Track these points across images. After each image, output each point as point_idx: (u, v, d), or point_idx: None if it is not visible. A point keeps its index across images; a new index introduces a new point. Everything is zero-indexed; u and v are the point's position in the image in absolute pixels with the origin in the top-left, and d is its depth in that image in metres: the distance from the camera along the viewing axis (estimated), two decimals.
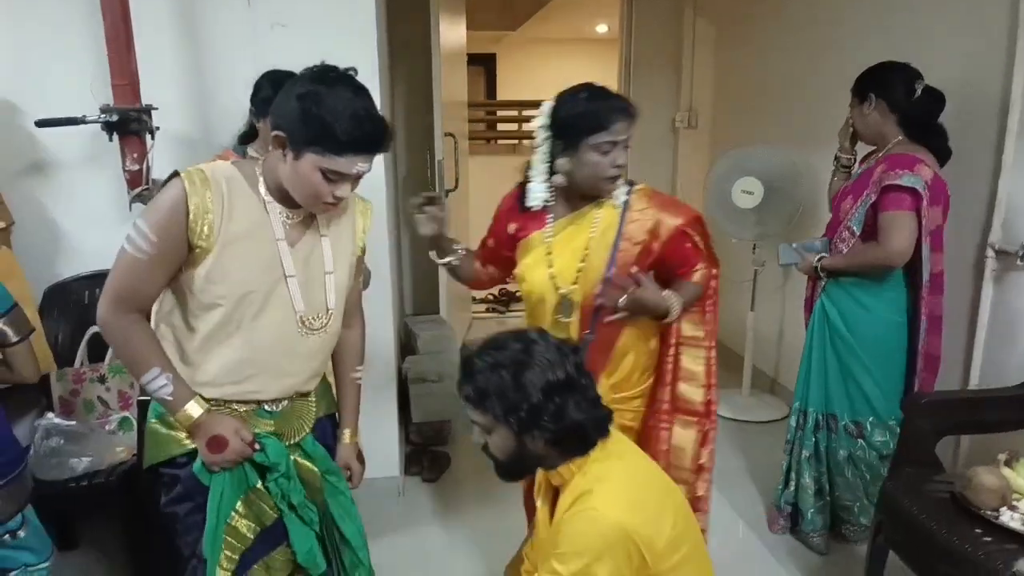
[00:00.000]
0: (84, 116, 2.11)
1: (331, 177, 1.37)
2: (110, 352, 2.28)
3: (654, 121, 4.97)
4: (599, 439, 1.40)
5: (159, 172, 2.30)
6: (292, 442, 1.57)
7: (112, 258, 1.42)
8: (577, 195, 1.77)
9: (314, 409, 1.63)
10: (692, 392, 1.85)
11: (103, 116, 2.09)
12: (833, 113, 2.60)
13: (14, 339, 1.96)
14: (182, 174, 1.38)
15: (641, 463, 1.47)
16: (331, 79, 1.34)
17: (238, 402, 1.50)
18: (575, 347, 1.45)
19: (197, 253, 1.39)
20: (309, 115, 1.31)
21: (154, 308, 1.48)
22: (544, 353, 1.35)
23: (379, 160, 2.48)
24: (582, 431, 1.36)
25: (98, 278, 2.11)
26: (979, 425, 2.17)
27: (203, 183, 1.39)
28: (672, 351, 1.84)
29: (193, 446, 1.47)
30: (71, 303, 2.42)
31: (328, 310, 1.54)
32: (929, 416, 2.05)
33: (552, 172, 1.76)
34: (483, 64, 8.54)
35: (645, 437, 1.85)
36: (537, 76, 8.40)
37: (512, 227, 1.86)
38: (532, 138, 1.76)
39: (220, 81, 2.44)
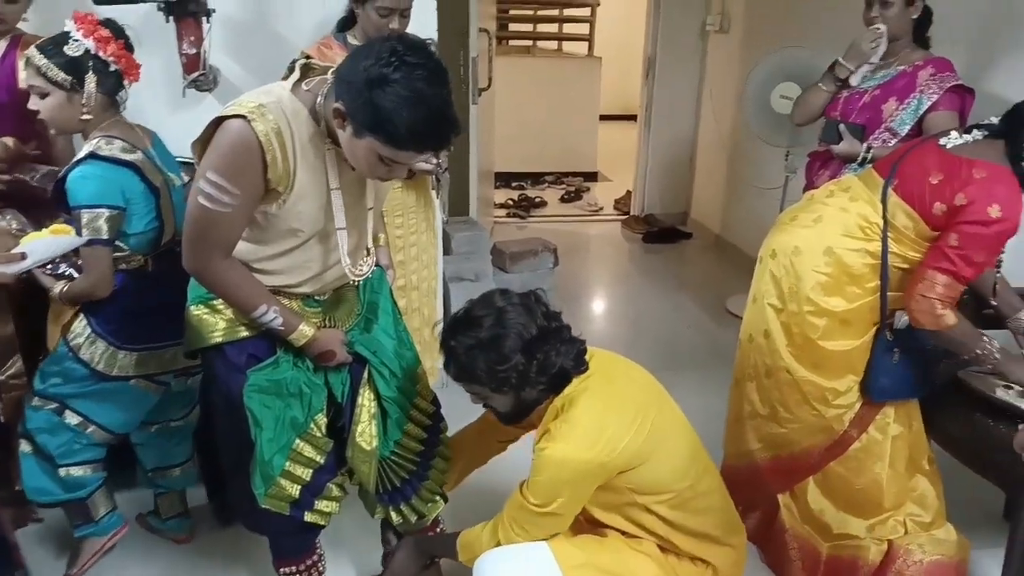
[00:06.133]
0: None
1: (387, 163, 1.32)
2: None
3: (683, 25, 4.86)
4: (578, 373, 1.54)
5: (214, 59, 2.28)
6: (344, 328, 1.63)
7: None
8: None
9: (358, 294, 1.69)
10: None
11: None
12: None
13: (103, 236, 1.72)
14: (247, 115, 1.31)
15: (607, 387, 1.56)
16: (406, 63, 1.23)
17: (285, 295, 1.54)
18: (537, 296, 1.55)
19: (271, 194, 1.39)
20: (373, 104, 1.23)
21: None
22: (515, 317, 1.47)
23: None
24: (565, 372, 1.52)
25: None
26: None
27: (272, 124, 1.32)
28: None
29: (229, 337, 1.53)
30: None
31: (367, 248, 1.59)
32: None
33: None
34: None
35: None
36: None
37: None
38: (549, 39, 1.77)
39: None
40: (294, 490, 1.58)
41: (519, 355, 1.45)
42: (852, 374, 1.86)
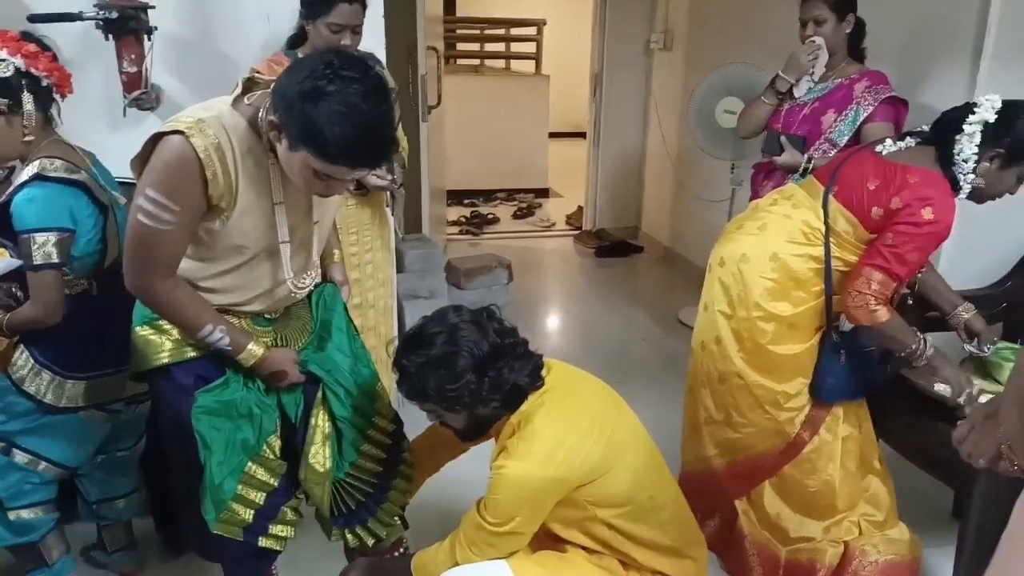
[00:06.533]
0: (81, 12, 2.00)
1: (322, 178, 1.31)
2: None
3: (627, 42, 4.94)
4: (534, 390, 1.52)
5: (156, 77, 2.23)
6: (296, 347, 1.60)
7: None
8: None
9: (311, 312, 1.66)
10: None
11: (101, 12, 1.99)
12: None
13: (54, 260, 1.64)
14: (185, 131, 1.28)
15: (564, 401, 1.55)
16: (341, 77, 1.21)
17: (234, 314, 1.51)
18: (491, 312, 1.52)
19: (214, 211, 1.36)
20: (306, 116, 1.21)
21: None
22: (467, 335, 1.45)
23: None
24: (519, 389, 1.49)
25: None
26: None
27: (211, 139, 1.29)
28: None
29: (176, 358, 1.48)
30: None
31: (313, 263, 1.55)
32: None
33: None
34: None
35: None
36: None
37: None
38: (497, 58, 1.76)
39: None
40: (247, 514, 1.53)
41: (470, 373, 1.42)
42: (802, 377, 1.90)
